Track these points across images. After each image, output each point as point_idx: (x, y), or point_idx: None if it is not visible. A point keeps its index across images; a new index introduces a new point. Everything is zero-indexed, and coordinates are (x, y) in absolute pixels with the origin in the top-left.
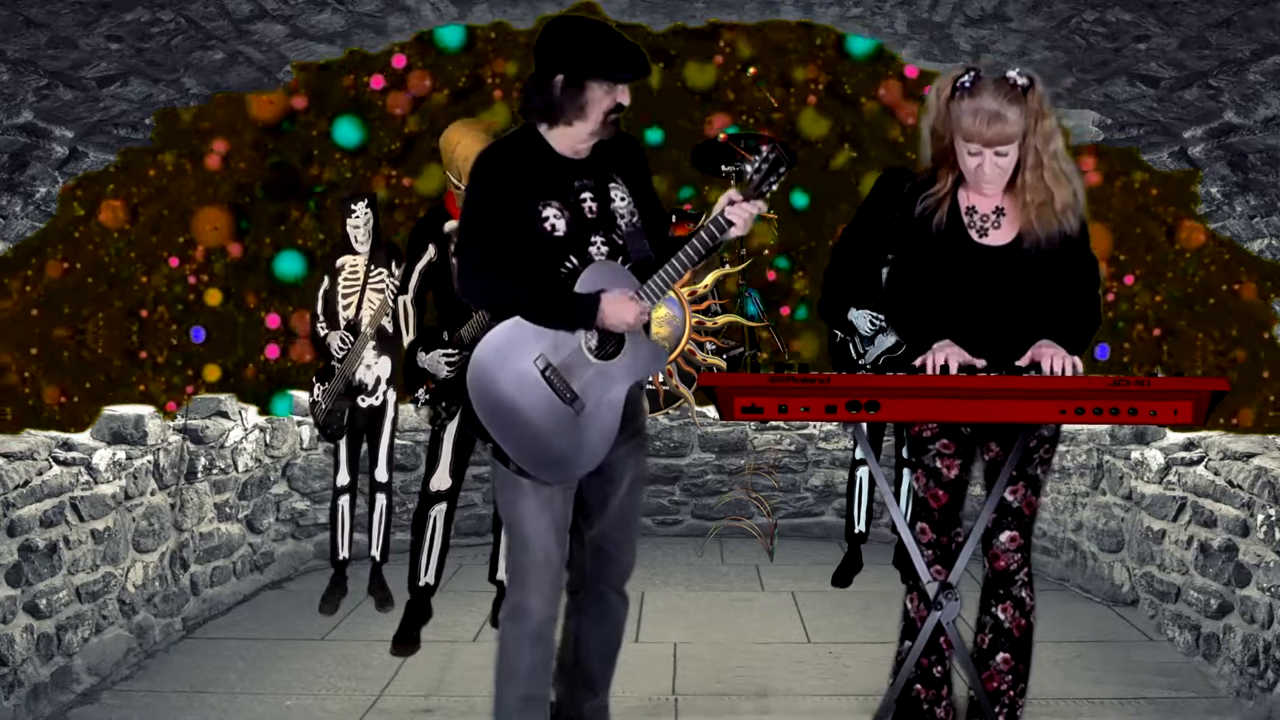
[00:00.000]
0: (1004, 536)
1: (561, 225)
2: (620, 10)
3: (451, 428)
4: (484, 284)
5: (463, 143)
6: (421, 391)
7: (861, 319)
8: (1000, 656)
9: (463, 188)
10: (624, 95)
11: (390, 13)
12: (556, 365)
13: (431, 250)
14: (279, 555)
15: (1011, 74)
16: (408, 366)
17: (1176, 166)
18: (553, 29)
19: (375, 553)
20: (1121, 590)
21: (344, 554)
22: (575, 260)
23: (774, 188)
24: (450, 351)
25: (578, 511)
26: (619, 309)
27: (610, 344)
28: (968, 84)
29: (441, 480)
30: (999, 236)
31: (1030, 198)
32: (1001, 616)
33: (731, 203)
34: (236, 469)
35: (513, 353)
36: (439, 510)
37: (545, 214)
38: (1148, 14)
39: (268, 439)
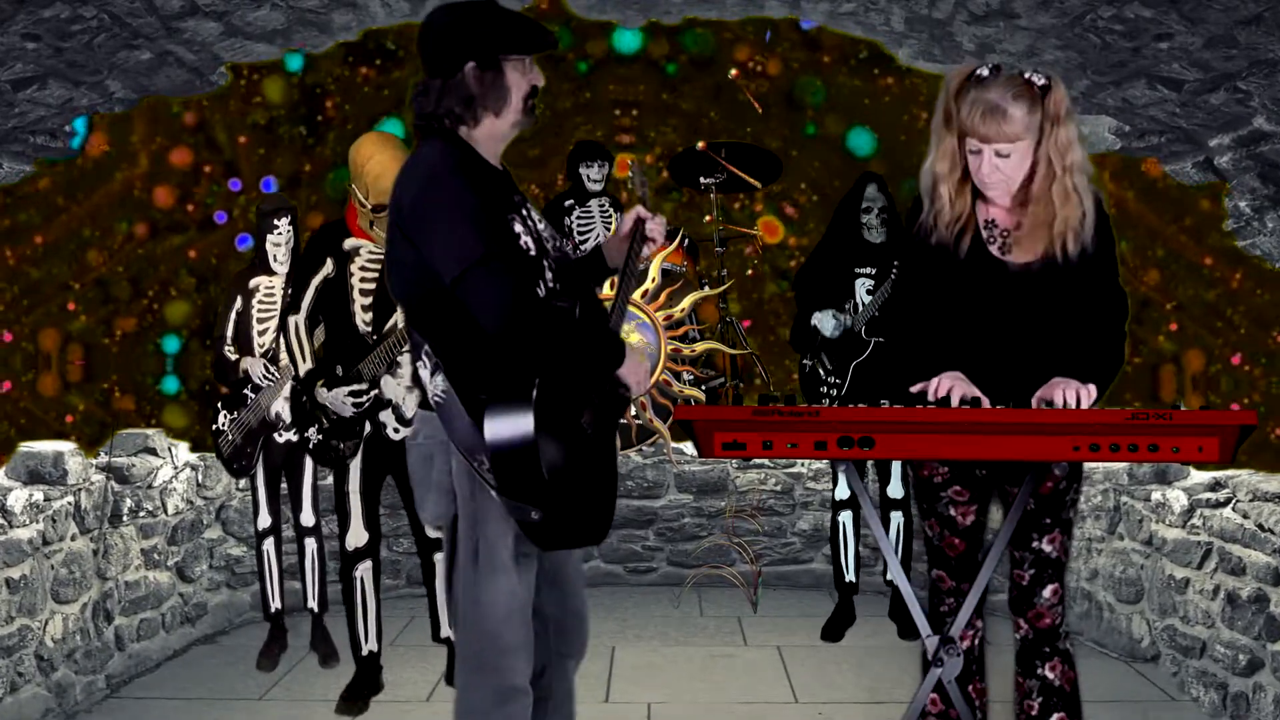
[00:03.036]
0: (1047, 591)
1: (530, 242)
2: (588, 7)
3: (355, 477)
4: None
5: (376, 158)
6: (314, 431)
7: (824, 319)
8: (1056, 718)
9: (369, 205)
10: (538, 76)
11: (335, 9)
12: (593, 414)
13: (329, 265)
14: (212, 606)
15: (1031, 73)
16: (296, 402)
17: (1202, 178)
18: (443, 19)
19: (313, 604)
20: (1141, 645)
21: (276, 604)
22: (542, 284)
23: (647, 190)
24: (358, 389)
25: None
26: (637, 369)
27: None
28: (983, 75)
29: (358, 536)
30: (1021, 254)
31: (1032, 209)
32: (1050, 675)
33: (641, 219)
34: (166, 511)
35: (558, 410)
36: (364, 569)
37: (516, 229)
38: (1169, 10)
39: (200, 478)
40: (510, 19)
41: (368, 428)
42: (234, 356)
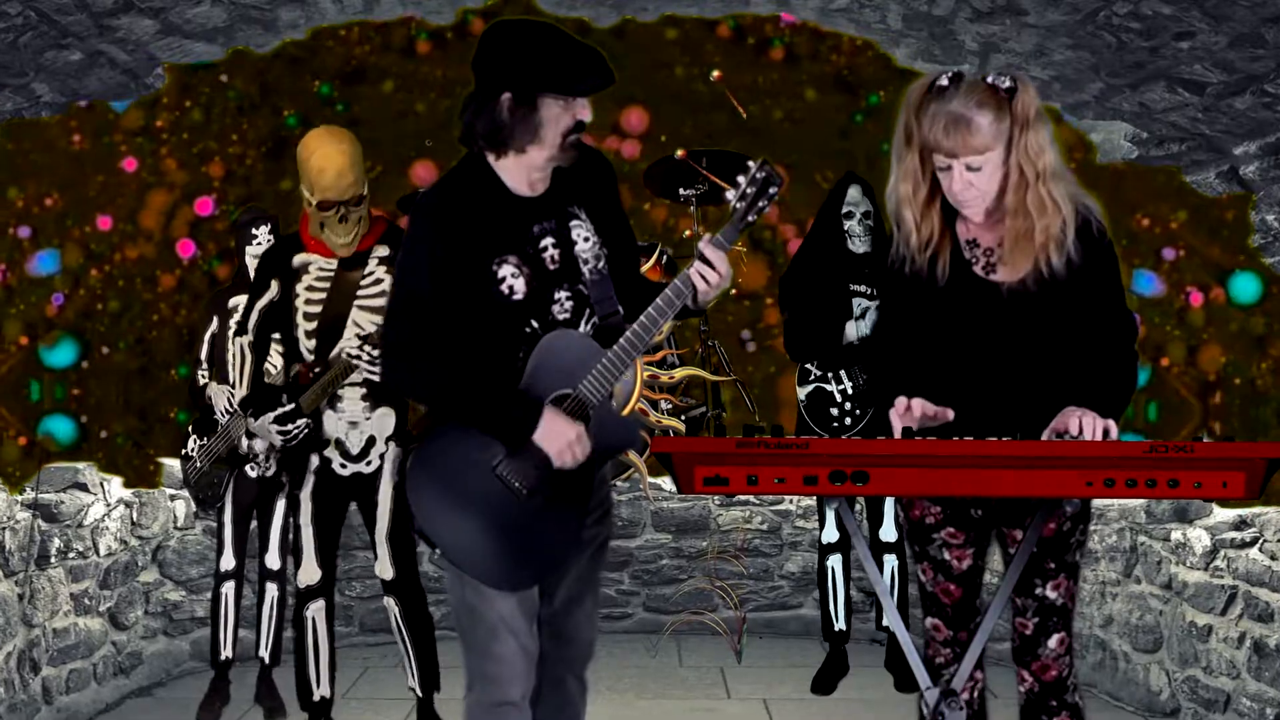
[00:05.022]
0: (1052, 641)
1: (520, 285)
2: (558, 3)
3: (306, 507)
4: (407, 372)
5: (319, 151)
6: (266, 459)
7: (854, 325)
8: None
9: (314, 202)
10: (585, 111)
11: (281, 5)
12: (511, 455)
13: (274, 287)
14: (148, 655)
15: (994, 77)
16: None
17: (1226, 189)
18: (493, 37)
19: (264, 653)
20: (1160, 698)
21: (226, 653)
22: (536, 323)
23: (762, 213)
24: (286, 413)
25: None
26: (557, 433)
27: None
28: (943, 85)
29: (309, 573)
30: (1008, 272)
31: (1010, 223)
32: None
33: (703, 253)
34: (97, 552)
35: (460, 447)
36: (316, 609)
37: (501, 274)
38: (1191, 7)
39: (134, 516)
40: (560, 52)
41: (316, 460)
42: (204, 382)
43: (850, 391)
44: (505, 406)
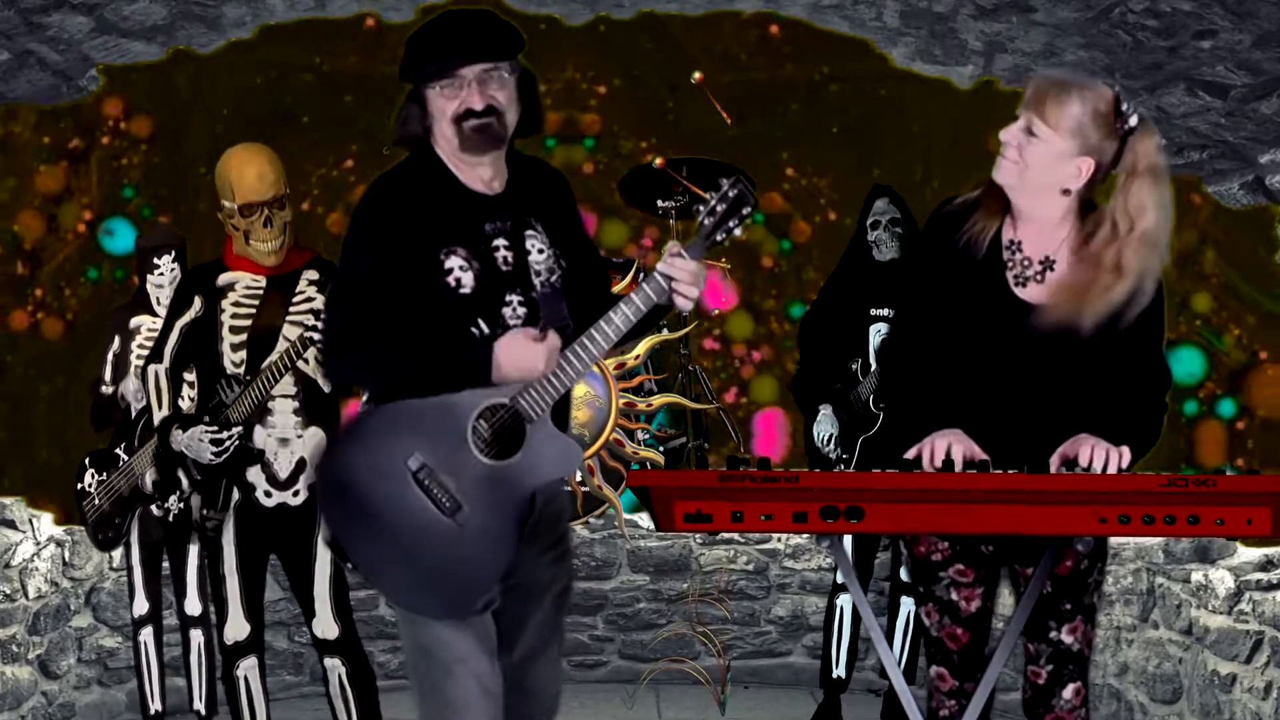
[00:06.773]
0: (1068, 691)
1: (469, 279)
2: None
3: (229, 554)
4: (347, 353)
5: (235, 156)
6: (175, 500)
7: (822, 424)
8: None
9: (236, 206)
10: (474, 97)
11: (226, 1)
12: (434, 465)
13: (198, 304)
14: (82, 707)
15: (1130, 106)
16: (160, 458)
17: (1250, 200)
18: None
19: (199, 705)
20: None
21: (156, 705)
22: (485, 325)
23: (733, 233)
24: (215, 427)
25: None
26: (519, 352)
27: (506, 438)
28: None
29: (238, 628)
30: (1041, 293)
31: (1076, 267)
32: None
33: (671, 258)
34: (26, 594)
35: (378, 449)
36: (247, 667)
37: (449, 264)
38: (1212, 3)
39: (66, 556)
40: (420, 38)
41: (236, 495)
42: (109, 390)
43: (835, 435)
44: (457, 351)
